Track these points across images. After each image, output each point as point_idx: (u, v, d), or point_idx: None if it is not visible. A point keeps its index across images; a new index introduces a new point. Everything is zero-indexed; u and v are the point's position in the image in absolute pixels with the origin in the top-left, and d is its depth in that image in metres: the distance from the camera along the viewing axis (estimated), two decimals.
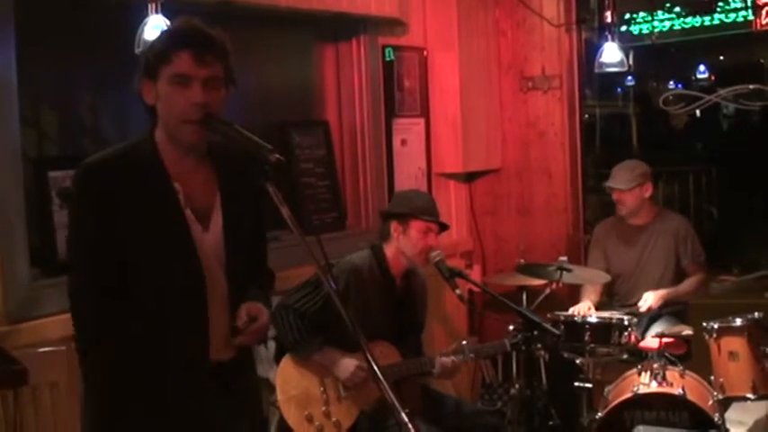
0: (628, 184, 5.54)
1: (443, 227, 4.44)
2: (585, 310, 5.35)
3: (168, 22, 3.98)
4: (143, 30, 4.09)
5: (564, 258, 5.30)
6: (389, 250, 4.41)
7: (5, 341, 3.70)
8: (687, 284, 5.56)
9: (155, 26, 4.06)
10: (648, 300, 5.36)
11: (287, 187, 2.57)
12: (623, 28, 6.85)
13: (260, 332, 2.79)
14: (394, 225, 4.38)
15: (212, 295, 2.74)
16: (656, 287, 5.47)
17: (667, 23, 7.54)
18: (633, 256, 5.66)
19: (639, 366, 4.77)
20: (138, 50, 4.02)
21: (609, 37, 6.19)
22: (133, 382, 2.67)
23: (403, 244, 4.36)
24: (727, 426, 4.59)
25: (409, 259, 4.37)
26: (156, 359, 2.69)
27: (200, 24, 2.67)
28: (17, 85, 3.89)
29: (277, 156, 2.53)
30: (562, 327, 4.89)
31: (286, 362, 4.26)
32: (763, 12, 6.96)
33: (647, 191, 5.62)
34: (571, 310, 5.33)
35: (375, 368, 2.31)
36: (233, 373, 2.83)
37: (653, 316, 5.45)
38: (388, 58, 5.92)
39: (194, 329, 2.72)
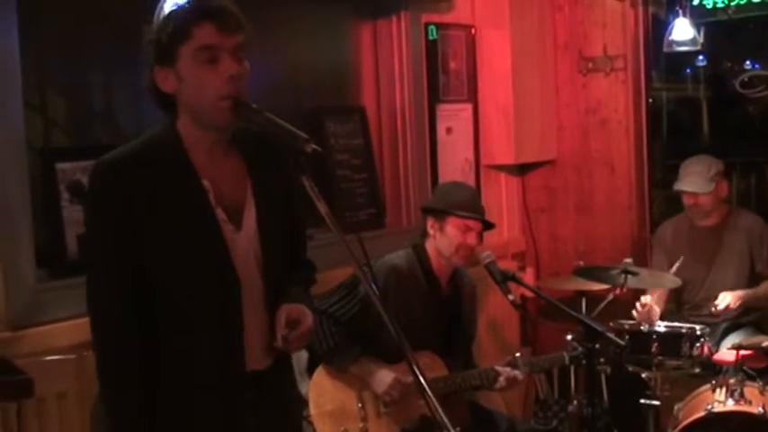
0: (706, 187, 5.46)
1: (487, 225, 4.40)
2: (647, 301, 5.24)
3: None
4: (162, 8, 4.06)
5: (629, 260, 5.23)
6: (430, 249, 4.40)
7: (9, 349, 3.71)
8: (766, 286, 5.48)
9: (174, 4, 4.04)
10: (726, 299, 5.29)
11: (320, 180, 2.54)
12: (695, 2, 6.74)
13: (302, 339, 2.77)
14: (430, 222, 4.39)
15: (248, 300, 2.73)
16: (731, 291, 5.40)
17: None
18: (702, 260, 5.61)
19: (714, 382, 4.72)
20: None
21: (680, 12, 6.14)
22: (162, 396, 2.69)
23: (440, 242, 4.36)
24: None
25: (446, 259, 4.35)
26: (189, 371, 2.70)
27: None
28: (20, 68, 3.89)
29: (313, 146, 2.52)
30: (626, 337, 4.83)
31: (320, 373, 4.26)
32: None
33: (723, 191, 5.57)
34: (637, 306, 5.23)
35: (422, 380, 2.28)
36: (270, 383, 2.83)
37: (729, 326, 5.39)
38: (431, 37, 5.91)
39: (229, 339, 2.72)
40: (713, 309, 5.31)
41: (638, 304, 5.27)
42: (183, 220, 2.66)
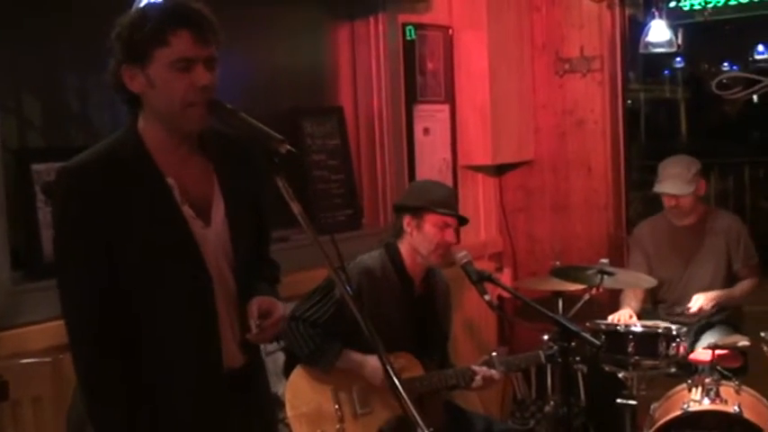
0: (686, 189, 5.47)
1: (462, 221, 4.40)
2: (627, 318, 5.32)
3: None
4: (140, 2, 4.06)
5: (605, 261, 5.25)
6: (404, 248, 4.37)
7: None
8: (741, 287, 5.54)
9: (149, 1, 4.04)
10: (699, 301, 5.33)
11: (297, 181, 2.55)
12: (672, 3, 6.76)
13: (276, 327, 2.78)
14: (407, 219, 4.35)
15: (220, 295, 2.74)
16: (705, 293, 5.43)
17: None
18: (680, 259, 5.63)
19: (689, 381, 4.74)
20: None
21: (656, 13, 6.16)
22: (140, 396, 2.68)
23: (417, 240, 4.32)
24: None
25: (424, 258, 4.33)
26: (166, 372, 2.71)
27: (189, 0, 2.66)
28: None
29: (288, 147, 2.53)
30: (603, 337, 4.86)
31: (297, 375, 4.24)
32: None
33: (702, 189, 5.58)
34: (610, 319, 5.29)
35: (396, 382, 2.29)
36: (246, 384, 2.84)
37: (704, 325, 5.42)
38: (409, 38, 5.90)
39: (205, 336, 2.73)
40: (686, 311, 5.35)
41: (618, 316, 5.32)
42: (151, 218, 2.66)
